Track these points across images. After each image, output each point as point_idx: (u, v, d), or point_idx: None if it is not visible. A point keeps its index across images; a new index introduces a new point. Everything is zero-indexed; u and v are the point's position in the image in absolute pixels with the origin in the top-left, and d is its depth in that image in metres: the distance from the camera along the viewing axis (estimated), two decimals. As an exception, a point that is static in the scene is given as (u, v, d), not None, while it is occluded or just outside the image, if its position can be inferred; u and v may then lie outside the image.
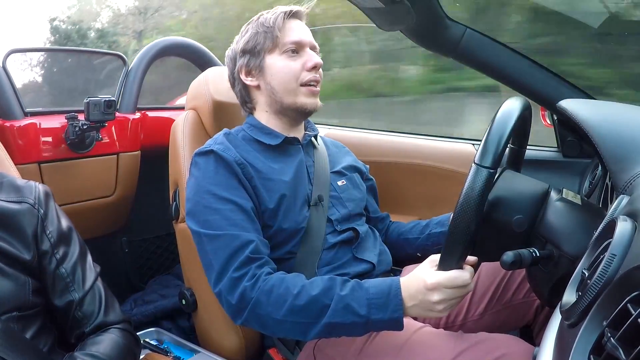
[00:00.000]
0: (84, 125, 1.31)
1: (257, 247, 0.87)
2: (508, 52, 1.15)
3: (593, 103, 1.01)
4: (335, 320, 0.79)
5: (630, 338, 0.36)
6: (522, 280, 0.99)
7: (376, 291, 0.80)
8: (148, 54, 1.61)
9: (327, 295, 0.80)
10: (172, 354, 1.18)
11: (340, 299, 0.79)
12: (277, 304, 0.81)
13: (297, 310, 0.80)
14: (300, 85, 1.00)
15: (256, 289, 0.83)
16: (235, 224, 0.88)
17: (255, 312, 0.83)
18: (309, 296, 0.80)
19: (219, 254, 0.87)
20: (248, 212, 0.91)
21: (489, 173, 0.66)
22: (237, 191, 0.92)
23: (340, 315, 0.79)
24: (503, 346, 0.77)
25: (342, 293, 0.80)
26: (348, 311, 0.79)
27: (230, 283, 0.84)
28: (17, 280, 0.75)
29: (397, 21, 1.11)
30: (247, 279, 0.84)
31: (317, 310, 0.80)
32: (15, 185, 0.83)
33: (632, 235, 0.46)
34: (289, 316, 0.81)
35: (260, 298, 0.82)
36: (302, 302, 0.80)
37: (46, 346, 0.79)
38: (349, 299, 0.79)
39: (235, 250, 0.86)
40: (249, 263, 0.85)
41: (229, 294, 0.84)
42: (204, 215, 0.90)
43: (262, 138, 1.02)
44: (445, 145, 1.50)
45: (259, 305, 0.82)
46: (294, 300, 0.81)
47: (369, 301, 0.79)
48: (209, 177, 0.93)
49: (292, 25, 1.01)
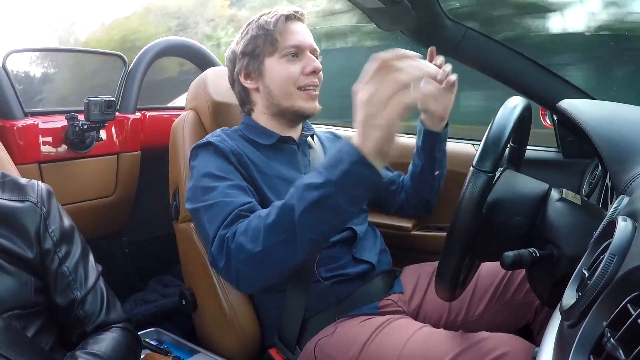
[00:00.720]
0: (84, 125, 1.31)
1: (249, 208, 0.84)
2: (508, 52, 1.15)
3: (593, 103, 1.01)
4: (304, 205, 0.70)
5: (630, 338, 0.36)
6: (522, 280, 0.99)
7: (326, 158, 0.72)
8: (148, 54, 1.61)
9: (290, 196, 0.74)
10: (172, 354, 1.18)
11: (297, 186, 0.72)
12: (254, 236, 0.75)
13: (271, 228, 0.74)
14: (298, 89, 1.00)
15: (236, 235, 0.78)
16: (230, 195, 0.87)
17: (239, 258, 0.77)
18: (276, 209, 0.75)
19: (212, 220, 0.85)
20: (244, 189, 0.91)
21: (488, 177, 0.66)
22: (232, 174, 0.92)
23: (303, 198, 0.70)
24: (504, 345, 0.77)
25: (298, 183, 0.73)
26: (308, 189, 0.70)
27: (218, 242, 0.81)
28: (19, 279, 0.76)
29: (397, 21, 1.11)
30: (230, 232, 0.80)
31: (287, 215, 0.72)
32: (17, 184, 0.83)
33: (632, 236, 0.46)
34: (268, 239, 0.74)
35: (239, 240, 0.77)
36: (272, 218, 0.74)
37: (47, 345, 0.79)
38: (304, 179, 0.72)
39: (228, 212, 0.83)
40: (236, 219, 0.82)
41: (219, 254, 0.80)
42: (202, 195, 0.89)
43: (257, 137, 1.02)
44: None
45: (240, 248, 0.77)
46: (265, 221, 0.75)
47: (323, 167, 0.70)
48: (207, 164, 0.93)
49: (292, 28, 1.01)
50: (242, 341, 1.07)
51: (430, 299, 1.06)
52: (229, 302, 1.06)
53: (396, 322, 0.92)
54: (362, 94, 0.64)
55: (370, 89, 0.63)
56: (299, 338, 0.98)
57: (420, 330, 0.87)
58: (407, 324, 0.92)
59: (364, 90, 0.64)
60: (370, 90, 0.63)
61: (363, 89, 0.64)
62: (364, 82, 0.64)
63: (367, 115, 0.64)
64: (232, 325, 1.06)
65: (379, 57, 0.62)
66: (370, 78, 0.63)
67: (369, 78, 0.63)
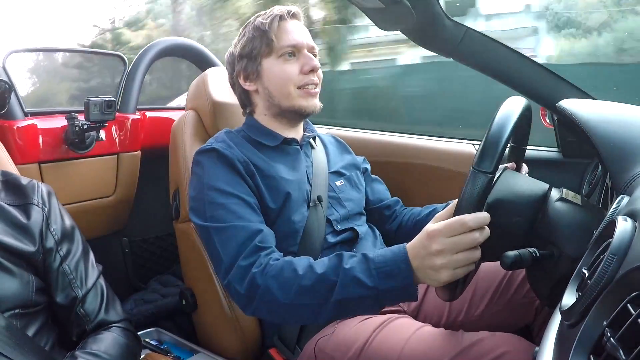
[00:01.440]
0: (84, 125, 1.31)
1: (264, 237, 0.87)
2: (508, 52, 1.15)
3: (593, 103, 1.01)
4: (344, 296, 0.75)
5: (630, 338, 0.36)
6: (522, 280, 0.99)
7: (382, 260, 0.75)
8: (148, 54, 1.61)
9: (333, 271, 0.77)
10: (172, 354, 1.18)
11: (346, 273, 0.76)
12: (285, 287, 0.78)
13: (305, 291, 0.77)
14: (298, 88, 1.00)
15: (264, 275, 0.81)
16: (241, 216, 0.88)
17: (264, 299, 0.80)
18: (315, 275, 0.78)
19: (227, 245, 0.86)
20: (252, 205, 0.91)
21: (487, 178, 0.66)
22: (240, 187, 0.92)
23: (348, 290, 0.75)
24: (504, 345, 0.77)
25: (347, 267, 0.76)
26: (355, 284, 0.74)
27: (239, 272, 0.83)
28: (21, 279, 0.76)
29: (397, 21, 1.11)
30: (255, 266, 0.82)
31: (325, 288, 0.76)
32: (18, 185, 0.84)
33: (632, 235, 0.46)
34: (297, 299, 0.78)
35: (268, 283, 0.80)
36: (309, 283, 0.77)
37: (48, 344, 0.79)
38: (355, 271, 0.75)
39: (244, 240, 0.85)
40: (257, 251, 0.84)
41: (239, 284, 0.82)
42: (209, 211, 0.90)
43: (261, 139, 1.02)
44: (445, 145, 1.49)
45: (268, 291, 0.80)
46: (300, 281, 0.78)
47: (376, 270, 0.74)
48: (212, 174, 0.93)
49: (288, 28, 1.01)
50: (242, 341, 1.07)
51: (430, 299, 1.06)
52: (229, 302, 1.06)
53: (396, 322, 0.92)
54: (437, 244, 0.68)
55: (449, 243, 0.67)
56: (299, 338, 0.98)
57: (420, 330, 0.87)
58: (407, 323, 0.92)
59: (439, 241, 0.68)
60: (449, 244, 0.67)
61: (441, 241, 0.68)
62: (444, 234, 0.68)
63: (433, 259, 0.69)
64: (232, 325, 1.06)
65: (465, 221, 0.67)
66: (451, 233, 0.68)
67: (450, 232, 0.68)
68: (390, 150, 1.54)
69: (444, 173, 1.43)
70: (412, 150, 1.52)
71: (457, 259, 0.68)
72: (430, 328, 0.89)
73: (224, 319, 1.06)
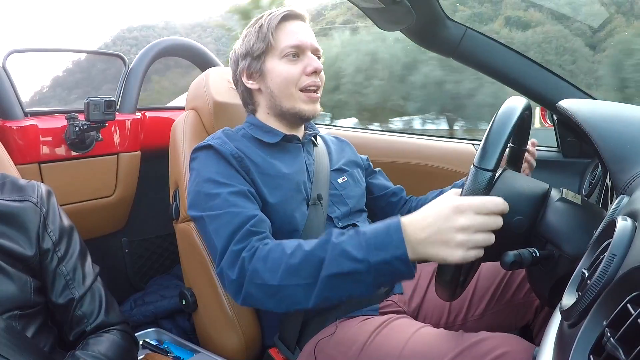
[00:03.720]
0: (84, 125, 1.31)
1: (258, 222, 0.86)
2: (508, 52, 1.16)
3: (593, 103, 1.01)
4: (333, 271, 0.71)
5: (630, 338, 0.36)
6: (522, 280, 0.99)
7: (373, 231, 0.71)
8: (148, 55, 1.61)
9: (322, 247, 0.73)
10: (172, 354, 1.18)
11: (335, 247, 0.72)
12: (273, 268, 0.76)
13: (293, 270, 0.74)
14: (300, 90, 1.00)
15: (253, 258, 0.79)
16: (235, 204, 0.88)
17: (253, 282, 0.78)
18: (303, 252, 0.75)
19: (220, 232, 0.85)
20: (246, 194, 0.91)
21: (488, 176, 0.66)
22: (234, 178, 0.92)
23: (337, 264, 0.71)
24: (504, 345, 0.77)
25: (337, 241, 0.73)
26: (344, 257, 0.71)
27: (230, 257, 0.82)
28: (19, 280, 0.76)
29: (397, 21, 1.11)
30: (246, 250, 0.81)
31: (313, 266, 0.73)
32: (17, 185, 0.84)
33: (632, 235, 0.46)
34: (286, 279, 0.75)
35: (256, 266, 0.78)
36: (296, 261, 0.74)
37: (47, 345, 0.79)
38: (345, 244, 0.72)
39: (237, 225, 0.84)
40: (249, 236, 0.83)
41: (230, 269, 0.81)
42: (205, 202, 0.89)
43: (262, 136, 1.02)
44: (445, 145, 1.50)
45: (256, 273, 0.77)
46: (288, 260, 0.75)
47: (366, 242, 0.70)
48: (207, 167, 0.93)
49: (292, 28, 1.01)
50: (242, 341, 1.07)
51: (430, 299, 1.06)
52: (229, 302, 1.06)
53: (396, 322, 0.92)
54: (466, 219, 0.65)
55: (477, 221, 0.64)
56: (299, 338, 0.98)
57: (420, 330, 0.87)
58: (407, 323, 0.92)
59: (468, 217, 0.65)
60: (476, 222, 0.64)
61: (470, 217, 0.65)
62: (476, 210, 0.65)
63: (453, 233, 0.65)
64: (232, 325, 1.06)
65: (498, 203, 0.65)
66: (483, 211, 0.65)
67: (483, 210, 0.65)
68: (390, 150, 1.54)
69: (443, 173, 1.43)
70: (413, 150, 1.52)
71: (477, 239, 0.64)
72: (430, 328, 0.89)
73: (224, 319, 1.06)
